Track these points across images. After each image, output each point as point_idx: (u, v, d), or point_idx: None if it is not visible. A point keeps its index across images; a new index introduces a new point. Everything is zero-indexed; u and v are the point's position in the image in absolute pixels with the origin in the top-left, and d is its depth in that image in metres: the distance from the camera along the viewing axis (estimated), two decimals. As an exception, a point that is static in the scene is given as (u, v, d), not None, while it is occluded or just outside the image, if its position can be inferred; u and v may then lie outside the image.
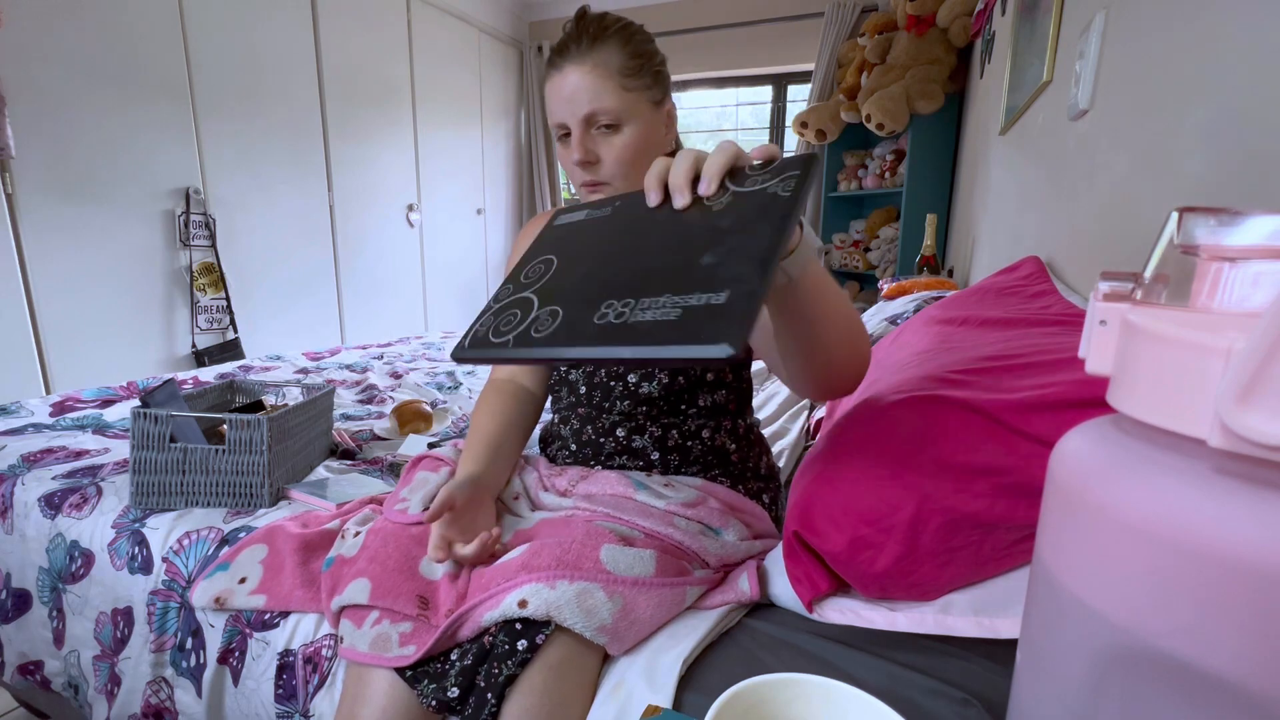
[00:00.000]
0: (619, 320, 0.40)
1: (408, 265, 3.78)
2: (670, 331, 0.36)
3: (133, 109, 2.33)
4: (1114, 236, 0.98)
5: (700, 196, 0.46)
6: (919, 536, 0.55)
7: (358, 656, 0.60)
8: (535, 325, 0.44)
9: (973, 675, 0.55)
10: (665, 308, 0.38)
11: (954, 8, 2.80)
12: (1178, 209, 0.23)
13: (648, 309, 0.39)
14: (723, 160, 0.46)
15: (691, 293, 0.38)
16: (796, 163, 0.44)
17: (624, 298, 0.41)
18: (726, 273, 0.38)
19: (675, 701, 0.56)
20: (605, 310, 0.41)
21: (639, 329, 0.38)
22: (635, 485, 0.76)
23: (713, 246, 0.41)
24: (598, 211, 0.54)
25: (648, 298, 0.40)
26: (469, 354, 0.47)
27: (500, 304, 0.49)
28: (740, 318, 0.35)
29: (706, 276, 0.39)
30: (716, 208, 0.44)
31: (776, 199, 0.42)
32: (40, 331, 2.16)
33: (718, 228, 0.42)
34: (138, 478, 0.91)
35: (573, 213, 0.56)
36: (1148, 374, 0.21)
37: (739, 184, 0.45)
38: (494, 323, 0.47)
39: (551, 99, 0.77)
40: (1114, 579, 0.21)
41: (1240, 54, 0.65)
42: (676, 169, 0.47)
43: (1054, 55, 1.38)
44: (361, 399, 1.59)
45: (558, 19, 4.46)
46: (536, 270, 0.50)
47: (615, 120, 0.74)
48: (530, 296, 0.48)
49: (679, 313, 0.37)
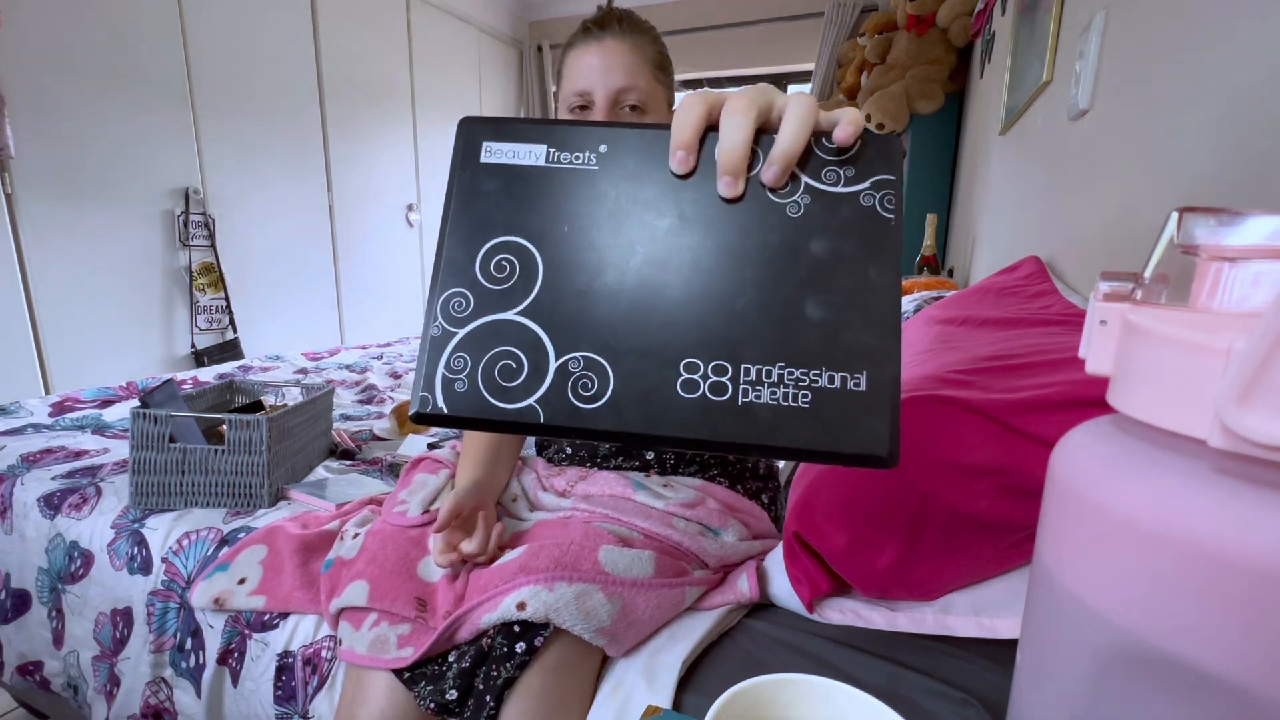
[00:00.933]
0: (723, 398, 0.30)
1: (407, 265, 3.78)
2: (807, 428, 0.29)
3: (132, 109, 2.33)
4: (1114, 236, 0.98)
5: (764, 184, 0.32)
6: (919, 536, 0.55)
7: (356, 658, 0.60)
8: (574, 385, 0.31)
9: (973, 675, 0.55)
10: (786, 385, 0.30)
11: (954, 8, 2.80)
12: (1178, 209, 0.23)
13: (761, 384, 0.30)
14: (804, 136, 0.31)
15: (815, 367, 0.30)
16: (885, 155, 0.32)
17: (714, 358, 0.30)
18: (852, 342, 0.30)
19: (675, 702, 0.56)
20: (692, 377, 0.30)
21: (758, 417, 0.30)
22: (634, 486, 0.76)
23: (814, 288, 0.31)
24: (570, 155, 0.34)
25: (752, 365, 0.30)
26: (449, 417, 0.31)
27: (468, 330, 0.32)
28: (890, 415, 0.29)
29: (826, 343, 0.30)
30: (793, 213, 0.32)
31: (881, 223, 0.31)
32: (39, 332, 2.16)
33: (808, 252, 0.31)
34: (137, 478, 0.91)
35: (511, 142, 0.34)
36: (1148, 374, 0.21)
37: (815, 174, 0.32)
38: (478, 369, 0.31)
39: (579, 66, 0.73)
40: (1114, 579, 0.21)
41: (1240, 54, 0.65)
42: (733, 133, 0.31)
43: (1054, 55, 1.38)
44: (361, 399, 1.59)
45: (558, 19, 4.46)
46: (504, 268, 0.33)
47: (643, 104, 0.73)
48: (528, 327, 0.32)
49: (807, 397, 0.30)
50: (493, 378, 0.31)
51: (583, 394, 0.31)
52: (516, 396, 0.31)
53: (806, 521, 0.59)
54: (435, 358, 0.32)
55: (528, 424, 0.31)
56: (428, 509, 0.76)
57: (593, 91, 0.72)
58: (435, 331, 0.32)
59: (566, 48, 0.77)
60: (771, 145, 0.32)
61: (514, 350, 0.32)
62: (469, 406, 0.31)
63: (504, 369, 0.31)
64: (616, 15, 0.75)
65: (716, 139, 0.32)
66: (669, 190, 0.33)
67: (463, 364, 0.32)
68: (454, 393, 0.31)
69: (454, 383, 0.31)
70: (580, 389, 0.31)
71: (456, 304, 0.33)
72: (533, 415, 0.31)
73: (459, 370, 0.32)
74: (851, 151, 0.32)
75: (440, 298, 0.33)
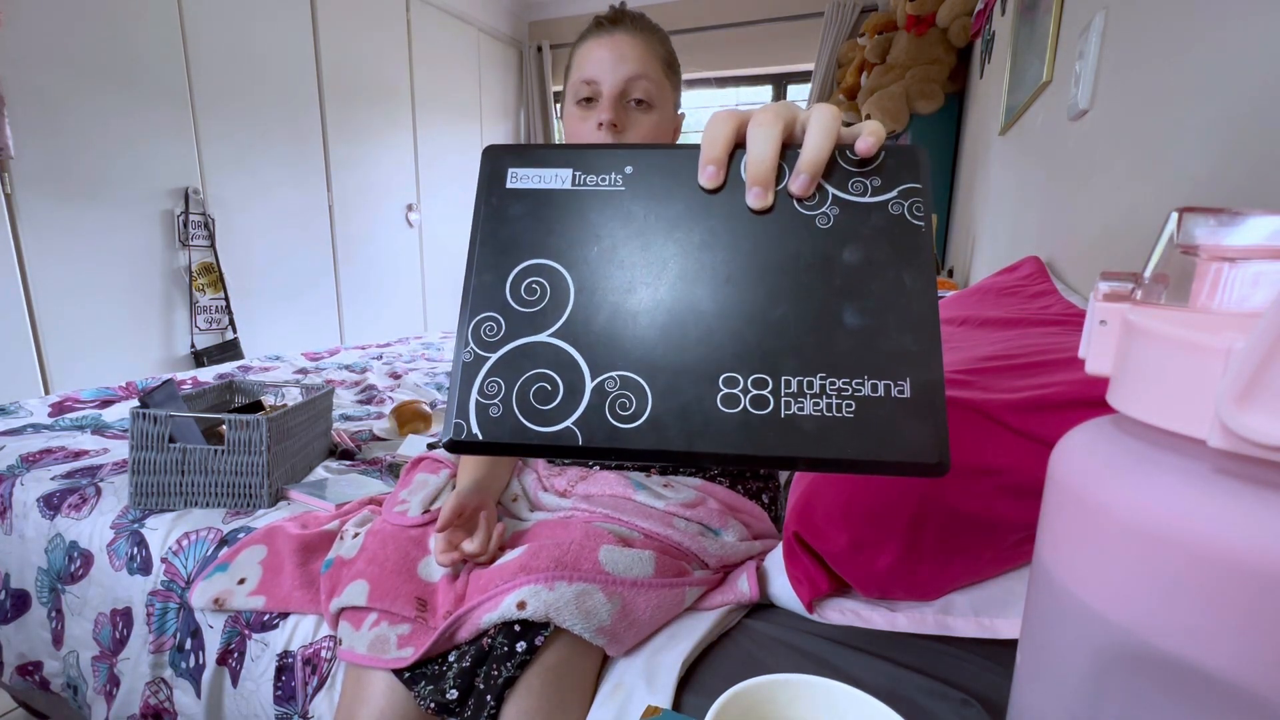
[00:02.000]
0: (765, 412, 0.29)
1: (407, 265, 3.78)
2: (854, 439, 0.29)
3: (132, 109, 2.33)
4: (1114, 236, 0.98)
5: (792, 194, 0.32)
6: (919, 536, 0.55)
7: (356, 658, 0.60)
8: (610, 405, 0.30)
9: (973, 675, 0.55)
10: (829, 396, 0.29)
11: (954, 8, 2.80)
12: (1177, 209, 0.23)
13: (803, 396, 0.29)
14: (829, 145, 0.32)
15: (857, 376, 0.30)
16: (909, 163, 0.33)
17: (753, 371, 0.30)
18: (892, 347, 0.30)
19: (675, 702, 0.56)
20: (732, 392, 0.30)
21: (803, 430, 0.29)
22: (634, 486, 0.76)
23: (849, 296, 0.31)
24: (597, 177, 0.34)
25: (793, 376, 0.30)
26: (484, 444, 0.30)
27: (500, 354, 0.32)
28: (937, 420, 0.29)
29: (865, 351, 0.30)
30: (822, 224, 0.32)
31: (911, 230, 0.31)
32: (39, 332, 2.16)
33: (841, 262, 0.31)
34: (137, 478, 0.91)
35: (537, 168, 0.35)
36: (1148, 374, 0.21)
37: (841, 185, 0.32)
38: (513, 393, 0.31)
39: (590, 56, 0.73)
40: (1114, 579, 0.21)
41: (1240, 54, 0.65)
42: (760, 147, 0.31)
43: (1054, 55, 1.38)
44: (361, 399, 1.59)
45: (558, 19, 4.46)
46: (536, 291, 0.33)
47: (650, 98, 0.73)
48: (563, 349, 0.31)
49: (851, 407, 0.29)
50: (528, 401, 0.31)
51: (621, 414, 0.30)
52: (553, 419, 0.30)
53: (806, 522, 0.59)
54: (468, 384, 0.31)
55: (566, 447, 0.30)
56: (428, 508, 0.76)
57: (600, 81, 0.72)
58: (467, 357, 0.32)
59: (577, 42, 0.77)
60: (797, 158, 0.32)
61: (548, 372, 0.31)
62: (505, 432, 0.30)
63: (539, 392, 0.31)
64: (629, 15, 0.75)
65: (742, 156, 0.33)
66: (697, 206, 0.33)
67: (496, 389, 0.31)
68: (489, 418, 0.31)
69: (488, 408, 0.31)
70: (618, 409, 0.30)
71: (488, 329, 0.32)
72: (571, 438, 0.30)
73: (493, 395, 0.31)
74: (876, 163, 0.33)
75: (471, 323, 0.32)
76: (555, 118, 4.59)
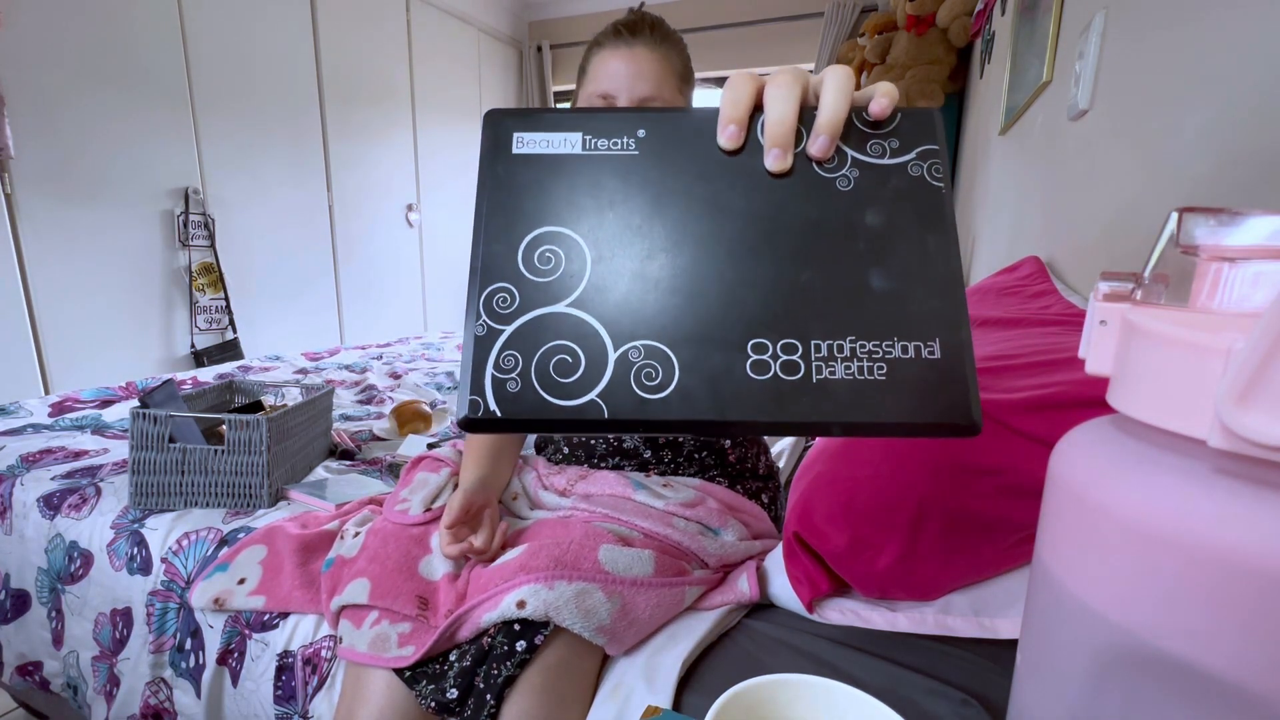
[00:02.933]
0: (796, 378, 0.29)
1: (407, 265, 3.78)
2: (888, 402, 0.28)
3: (132, 109, 2.33)
4: (1114, 236, 0.98)
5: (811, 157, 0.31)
6: (919, 537, 0.55)
7: (356, 656, 0.60)
8: (636, 375, 0.29)
9: (973, 675, 0.55)
10: (860, 359, 0.29)
11: (954, 8, 2.80)
12: (1177, 209, 0.23)
13: (834, 360, 0.29)
14: (845, 104, 0.31)
15: (888, 338, 0.29)
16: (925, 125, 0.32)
17: (782, 336, 0.29)
18: (921, 309, 0.29)
19: (675, 702, 0.56)
20: (761, 358, 0.29)
21: (835, 394, 0.28)
22: (634, 485, 0.76)
23: (873, 259, 0.30)
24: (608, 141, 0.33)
25: (823, 340, 0.29)
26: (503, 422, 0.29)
27: (515, 326, 0.30)
28: (969, 380, 0.28)
29: (894, 312, 0.29)
30: (843, 186, 0.31)
31: (931, 191, 0.31)
32: (39, 332, 2.16)
33: (863, 225, 0.31)
34: (137, 478, 0.91)
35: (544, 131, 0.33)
36: (1148, 374, 0.21)
37: (859, 147, 0.32)
38: (531, 366, 0.29)
39: (606, 69, 0.73)
40: (1114, 579, 0.21)
41: (1240, 54, 0.65)
42: (778, 107, 0.31)
43: (1054, 55, 1.38)
44: (361, 399, 1.59)
45: (558, 19, 4.46)
46: (549, 260, 0.31)
47: None
48: (583, 319, 0.30)
49: (883, 369, 0.29)
50: (548, 375, 0.29)
51: (647, 384, 0.29)
52: (576, 393, 0.29)
53: (806, 522, 0.59)
54: (483, 358, 0.30)
55: (591, 420, 0.29)
56: (429, 507, 0.76)
57: (617, 96, 0.72)
58: (479, 330, 0.30)
59: (595, 46, 0.76)
60: (814, 120, 0.31)
61: (569, 344, 0.30)
62: (525, 408, 0.29)
63: (559, 364, 0.29)
64: (649, 22, 0.74)
65: (759, 119, 0.32)
66: (715, 170, 0.32)
67: (513, 363, 0.29)
68: (507, 394, 0.29)
69: (505, 383, 0.29)
70: (644, 379, 0.29)
71: (501, 300, 0.31)
72: (596, 411, 0.29)
73: (510, 369, 0.29)
74: (892, 125, 0.32)
75: (482, 295, 0.31)
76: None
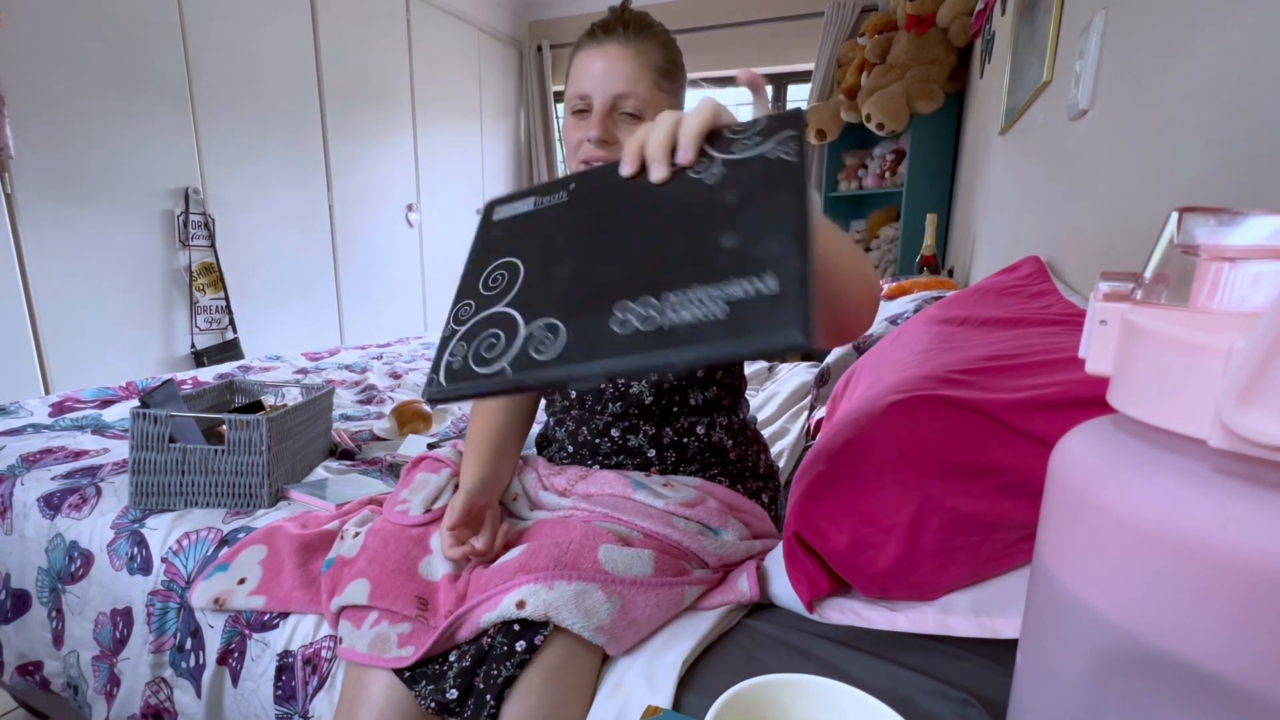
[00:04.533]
0: (649, 327, 0.34)
1: (407, 265, 3.78)
2: (729, 332, 0.32)
3: (132, 109, 2.33)
4: (1114, 236, 0.98)
5: (683, 168, 0.41)
6: (919, 536, 0.55)
7: (356, 657, 0.60)
8: (533, 345, 0.38)
9: (973, 675, 0.55)
10: (704, 304, 0.33)
11: (954, 8, 2.80)
12: (1178, 209, 0.23)
13: (680, 308, 0.34)
14: (699, 122, 0.41)
15: (728, 281, 0.34)
16: (785, 120, 0.40)
17: (639, 296, 0.36)
18: (762, 253, 0.34)
19: (675, 702, 0.56)
20: (622, 315, 0.35)
21: (681, 335, 0.33)
22: (634, 485, 0.76)
23: (728, 225, 0.36)
24: (550, 198, 0.46)
25: (672, 293, 0.35)
26: (449, 391, 0.39)
27: (467, 325, 0.41)
28: (800, 302, 0.31)
29: (737, 261, 0.34)
30: (710, 180, 0.39)
31: (784, 165, 0.38)
32: (39, 332, 2.16)
33: (723, 203, 0.37)
34: (137, 478, 0.91)
35: (514, 202, 0.48)
36: (1148, 374, 0.21)
37: (726, 150, 0.40)
38: (470, 349, 0.40)
39: (582, 69, 0.75)
40: (1114, 579, 0.21)
41: (1240, 54, 0.65)
42: (653, 136, 0.42)
43: (1054, 55, 1.38)
44: (361, 399, 1.59)
45: (557, 19, 4.46)
46: (499, 279, 0.43)
47: (640, 111, 0.74)
48: (508, 312, 0.40)
49: (724, 308, 0.33)
50: (479, 352, 0.40)
51: (541, 349, 0.37)
52: (492, 362, 0.38)
53: (806, 521, 0.59)
54: (443, 349, 0.42)
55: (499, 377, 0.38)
56: (429, 508, 0.76)
57: (592, 95, 0.73)
58: (446, 332, 0.43)
59: (575, 49, 0.77)
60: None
61: (496, 330, 0.40)
62: (458, 375, 0.39)
63: (487, 344, 0.40)
64: (624, 20, 0.75)
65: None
66: (621, 195, 0.43)
67: (461, 349, 0.41)
68: (451, 370, 0.40)
69: (452, 363, 0.40)
70: (540, 346, 0.37)
71: (463, 309, 0.43)
72: (503, 374, 0.38)
73: (458, 354, 0.40)
74: (758, 127, 0.41)
75: (454, 309, 0.44)
76: (555, 117, 4.59)
